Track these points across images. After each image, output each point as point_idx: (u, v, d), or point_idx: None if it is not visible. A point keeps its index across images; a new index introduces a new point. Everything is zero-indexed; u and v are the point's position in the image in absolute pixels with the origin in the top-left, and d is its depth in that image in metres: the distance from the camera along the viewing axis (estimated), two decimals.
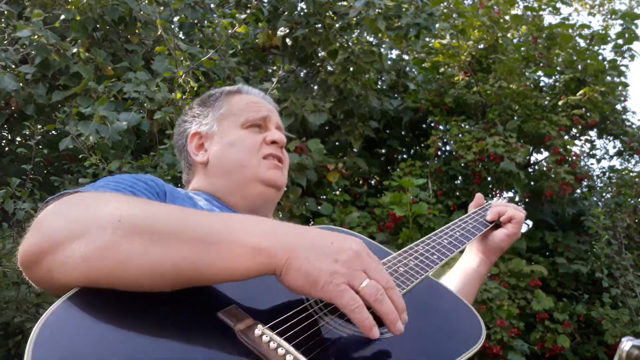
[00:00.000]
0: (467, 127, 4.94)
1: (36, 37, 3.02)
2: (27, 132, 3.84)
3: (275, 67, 4.55)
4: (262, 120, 1.24)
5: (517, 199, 4.93)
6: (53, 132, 3.77)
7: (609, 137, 5.62)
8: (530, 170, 5.36)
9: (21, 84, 3.15)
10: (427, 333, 0.87)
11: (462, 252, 1.38)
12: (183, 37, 4.01)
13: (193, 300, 0.73)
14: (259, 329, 0.69)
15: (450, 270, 1.42)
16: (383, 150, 5.61)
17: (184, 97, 2.76)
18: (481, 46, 5.20)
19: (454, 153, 4.86)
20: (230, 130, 1.22)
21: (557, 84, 5.17)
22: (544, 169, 4.96)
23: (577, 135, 5.44)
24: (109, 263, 0.67)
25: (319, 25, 4.26)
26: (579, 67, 4.98)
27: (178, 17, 3.79)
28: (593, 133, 5.53)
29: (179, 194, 1.07)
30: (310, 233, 0.74)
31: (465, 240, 1.21)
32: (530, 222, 1.47)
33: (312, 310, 0.80)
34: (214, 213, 0.78)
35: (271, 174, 1.18)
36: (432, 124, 5.23)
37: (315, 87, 5.11)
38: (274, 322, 0.73)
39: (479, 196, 1.46)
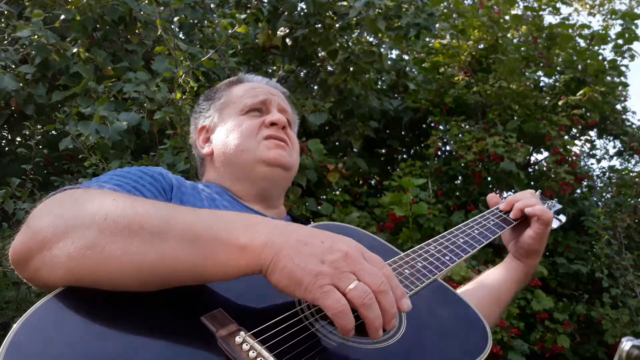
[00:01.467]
0: (467, 127, 4.94)
1: (36, 37, 3.02)
2: (27, 132, 3.84)
3: (275, 67, 4.55)
4: (261, 104, 1.21)
5: None
6: (53, 132, 3.77)
7: (609, 137, 5.62)
8: (530, 170, 5.36)
9: (21, 84, 3.15)
10: (429, 343, 0.82)
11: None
12: (183, 37, 4.01)
13: (179, 302, 0.71)
14: (240, 337, 0.66)
15: (485, 272, 1.34)
16: (383, 150, 5.61)
17: (184, 97, 2.76)
18: (481, 46, 5.20)
19: (454, 153, 4.86)
20: (230, 118, 1.21)
21: (557, 84, 5.16)
22: (544, 169, 4.96)
23: (577, 135, 5.44)
24: (93, 261, 0.67)
25: (319, 25, 4.26)
26: (579, 67, 4.98)
27: (178, 17, 3.79)
28: (593, 133, 5.53)
29: (186, 188, 1.06)
30: (299, 231, 0.72)
31: (483, 239, 1.10)
32: (563, 218, 1.35)
33: (302, 316, 0.76)
34: (201, 210, 0.76)
35: (273, 153, 1.14)
36: (432, 124, 5.23)
37: (315, 87, 5.11)
38: (259, 328, 0.70)
39: (491, 195, 1.35)
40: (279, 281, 0.68)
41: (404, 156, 5.53)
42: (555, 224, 1.30)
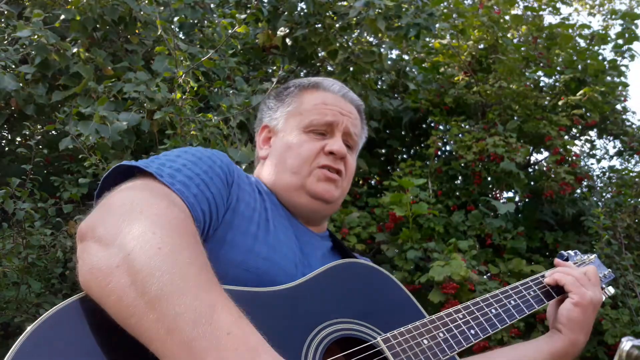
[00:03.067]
0: (467, 127, 4.94)
1: (36, 37, 3.02)
2: (27, 132, 3.84)
3: (275, 67, 4.55)
4: (327, 125, 1.15)
5: (517, 199, 4.92)
6: (53, 132, 3.77)
7: (609, 137, 5.62)
8: (530, 170, 5.36)
9: (21, 84, 3.15)
10: None
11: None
12: (183, 37, 4.01)
13: None
14: None
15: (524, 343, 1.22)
16: (383, 150, 5.61)
17: (184, 97, 2.76)
18: (481, 46, 5.20)
19: (454, 153, 4.86)
20: (293, 131, 1.16)
21: (557, 84, 5.17)
22: (544, 169, 4.96)
23: (577, 135, 5.44)
24: (99, 286, 0.70)
25: (319, 25, 4.26)
26: (579, 67, 4.98)
27: (178, 17, 3.79)
28: (593, 133, 5.54)
29: (245, 184, 1.05)
30: None
31: (517, 314, 1.02)
32: (612, 290, 1.27)
33: None
34: (211, 301, 0.68)
35: (321, 187, 1.11)
36: (432, 124, 5.23)
37: None
38: None
39: (557, 262, 1.24)
40: None
41: (404, 156, 5.53)
42: (607, 293, 1.24)
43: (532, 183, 4.96)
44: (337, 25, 4.28)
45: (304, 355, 0.76)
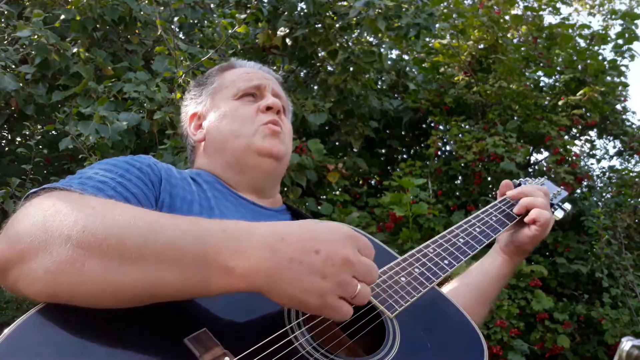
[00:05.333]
0: (467, 127, 4.94)
1: (36, 37, 3.02)
2: (27, 132, 3.84)
3: (275, 67, 4.55)
4: (256, 88, 1.17)
5: None
6: (53, 132, 3.77)
7: (609, 137, 5.61)
8: (530, 170, 5.35)
9: (21, 84, 3.15)
10: (424, 357, 0.79)
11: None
12: (183, 37, 4.01)
13: (161, 321, 0.68)
14: None
15: (470, 266, 1.30)
16: (383, 150, 5.61)
17: (184, 97, 2.76)
18: (481, 46, 5.20)
19: (454, 153, 4.86)
20: (223, 103, 1.17)
21: (557, 84, 5.16)
22: (544, 169, 4.96)
23: (577, 135, 5.44)
24: (71, 278, 0.64)
25: (319, 25, 4.26)
26: (579, 67, 4.98)
27: (178, 17, 3.79)
28: (593, 133, 5.53)
29: (176, 179, 1.01)
30: (292, 244, 0.66)
31: (484, 238, 1.06)
32: (568, 206, 1.30)
33: (292, 336, 0.72)
34: (186, 221, 0.70)
35: (267, 143, 1.10)
36: (432, 124, 5.23)
37: (315, 87, 5.11)
38: (246, 352, 0.67)
39: (505, 183, 1.31)
40: (284, 303, 0.67)
41: (404, 156, 5.53)
42: (559, 215, 1.26)
43: None
44: (337, 25, 4.28)
45: (286, 312, 0.76)
